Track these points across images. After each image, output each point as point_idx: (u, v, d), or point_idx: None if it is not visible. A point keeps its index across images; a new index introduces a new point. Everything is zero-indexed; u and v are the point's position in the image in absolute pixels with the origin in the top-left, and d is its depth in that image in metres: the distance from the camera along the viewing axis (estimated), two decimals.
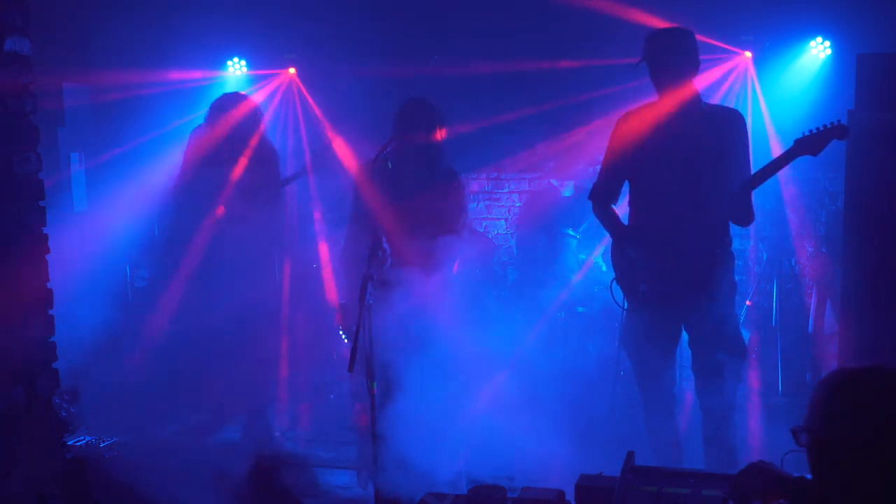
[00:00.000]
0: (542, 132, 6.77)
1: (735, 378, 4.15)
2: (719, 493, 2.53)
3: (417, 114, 4.22)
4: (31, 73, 3.30)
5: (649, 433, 4.33)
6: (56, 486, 3.31)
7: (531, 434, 4.32)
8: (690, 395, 4.53)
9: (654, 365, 4.21)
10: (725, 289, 4.11)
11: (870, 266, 4.50)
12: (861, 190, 4.54)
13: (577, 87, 6.51)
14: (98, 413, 5.58)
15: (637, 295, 4.16)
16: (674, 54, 4.00)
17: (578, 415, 5.25)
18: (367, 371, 3.53)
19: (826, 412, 2.02)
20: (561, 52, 6.59)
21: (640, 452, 3.06)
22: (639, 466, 2.77)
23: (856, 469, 1.93)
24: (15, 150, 3.23)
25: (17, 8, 3.23)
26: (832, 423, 1.98)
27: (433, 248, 3.92)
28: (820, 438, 2.00)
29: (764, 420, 5.39)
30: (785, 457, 2.86)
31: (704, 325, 4.11)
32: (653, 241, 4.09)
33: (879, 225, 4.43)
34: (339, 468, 5.09)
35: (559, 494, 2.91)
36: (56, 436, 3.41)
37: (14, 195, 3.21)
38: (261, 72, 7.42)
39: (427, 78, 6.41)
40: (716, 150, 4.02)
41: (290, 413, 5.98)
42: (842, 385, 2.01)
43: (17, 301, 3.21)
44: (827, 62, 6.57)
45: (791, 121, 6.37)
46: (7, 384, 3.16)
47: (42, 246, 3.35)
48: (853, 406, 1.97)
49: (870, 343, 4.42)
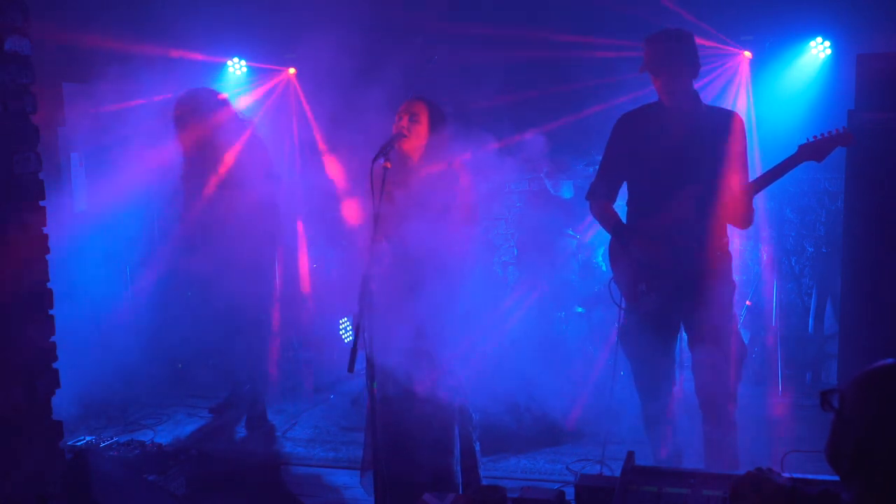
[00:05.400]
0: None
1: (734, 378, 4.15)
2: (719, 493, 2.53)
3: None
4: (31, 73, 3.30)
5: (648, 433, 4.33)
6: (56, 486, 3.31)
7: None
8: (690, 395, 4.53)
9: (653, 365, 4.21)
10: (724, 289, 4.11)
11: (870, 266, 4.51)
12: (861, 190, 4.55)
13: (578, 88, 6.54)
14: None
15: (636, 295, 4.16)
16: (673, 56, 4.00)
17: (578, 414, 5.27)
18: (367, 371, 3.53)
19: (867, 410, 1.88)
20: (558, 50, 6.60)
21: (640, 452, 3.06)
22: (639, 466, 2.77)
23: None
24: (15, 150, 3.23)
25: (17, 8, 3.23)
26: (873, 421, 1.86)
27: (438, 246, 3.90)
28: (859, 437, 1.88)
29: (764, 420, 5.40)
30: (785, 457, 2.86)
31: (703, 325, 4.11)
32: (652, 241, 4.09)
33: (879, 225, 4.44)
34: (339, 468, 5.09)
35: (559, 494, 2.91)
36: (56, 436, 3.40)
37: (14, 195, 3.21)
38: (261, 65, 7.44)
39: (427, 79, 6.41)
40: (714, 152, 4.03)
41: (290, 413, 5.99)
42: (882, 381, 1.89)
43: (17, 301, 3.21)
44: (827, 62, 6.57)
45: (791, 121, 6.38)
46: (7, 384, 3.16)
47: (42, 246, 3.35)
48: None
49: (870, 343, 4.43)
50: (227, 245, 5.11)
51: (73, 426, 5.51)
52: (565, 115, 6.47)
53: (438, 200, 3.97)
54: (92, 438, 5.19)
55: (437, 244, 3.82)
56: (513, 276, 7.27)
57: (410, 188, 3.96)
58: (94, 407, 5.85)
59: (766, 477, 2.24)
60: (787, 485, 2.18)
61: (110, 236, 6.10)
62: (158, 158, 5.94)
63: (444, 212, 3.95)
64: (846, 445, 1.91)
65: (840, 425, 1.93)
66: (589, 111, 6.31)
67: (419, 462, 3.94)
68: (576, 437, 5.33)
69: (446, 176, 4.05)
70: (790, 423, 5.47)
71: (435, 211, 3.92)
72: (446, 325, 3.83)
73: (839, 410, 1.93)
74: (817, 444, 2.14)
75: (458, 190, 4.05)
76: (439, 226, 3.85)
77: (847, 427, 1.91)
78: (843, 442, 1.92)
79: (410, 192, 3.95)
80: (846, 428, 1.91)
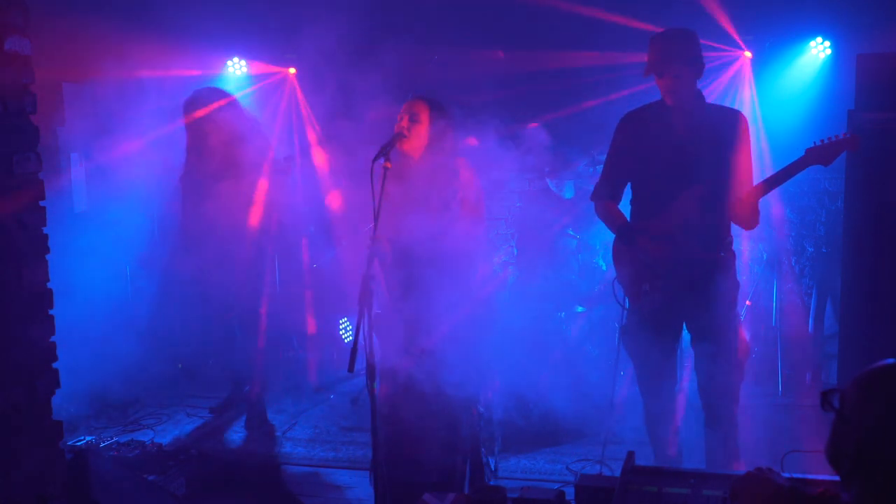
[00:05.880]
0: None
1: (737, 378, 4.15)
2: (719, 493, 2.53)
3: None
4: (31, 73, 3.29)
5: (650, 433, 4.33)
6: (56, 486, 3.31)
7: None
8: (692, 394, 4.53)
9: (655, 364, 4.21)
10: (727, 289, 4.11)
11: (870, 266, 4.50)
12: (861, 190, 4.54)
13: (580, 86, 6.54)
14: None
15: (639, 294, 4.16)
16: (677, 55, 4.00)
17: (578, 414, 5.26)
18: (367, 371, 3.53)
19: (867, 411, 1.87)
20: (561, 48, 6.61)
21: (640, 452, 3.06)
22: (639, 466, 2.77)
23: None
24: (15, 150, 3.23)
25: (17, 8, 3.23)
26: (873, 422, 1.86)
27: (442, 245, 3.89)
28: (860, 438, 1.88)
29: (764, 420, 5.39)
30: (785, 457, 2.86)
31: (706, 325, 4.11)
32: (655, 241, 4.09)
33: (879, 225, 4.44)
34: (339, 468, 5.09)
35: (559, 494, 2.91)
36: (56, 436, 3.40)
37: (14, 195, 3.21)
38: (261, 64, 7.44)
39: (428, 77, 6.42)
40: (718, 151, 4.02)
41: (290, 413, 5.99)
42: (883, 382, 1.88)
43: (18, 301, 3.21)
44: (827, 62, 6.57)
45: (792, 121, 6.38)
46: (7, 384, 3.16)
47: (42, 246, 3.34)
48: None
49: (870, 343, 4.42)
50: (228, 237, 5.10)
51: (73, 426, 5.51)
52: (566, 110, 6.48)
53: (441, 199, 3.96)
54: (92, 438, 5.19)
55: (441, 243, 3.82)
56: (513, 276, 7.27)
57: (412, 188, 3.95)
58: (94, 407, 5.85)
59: (766, 477, 2.24)
60: (787, 485, 2.18)
61: (110, 236, 6.09)
62: (158, 158, 5.95)
63: (446, 211, 3.95)
64: (846, 446, 1.91)
65: (840, 426, 1.93)
66: (589, 103, 6.33)
67: (423, 461, 3.95)
68: (576, 437, 5.33)
69: (448, 175, 4.04)
70: (790, 423, 5.47)
71: (437, 210, 3.92)
72: (450, 323, 3.83)
73: (840, 410, 1.93)
74: (817, 444, 2.14)
75: (460, 188, 4.04)
76: (442, 224, 3.85)
77: (847, 427, 1.91)
78: (844, 442, 1.91)
79: (412, 191, 3.94)
80: (846, 428, 1.91)
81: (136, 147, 6.00)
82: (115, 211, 6.22)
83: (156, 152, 6.00)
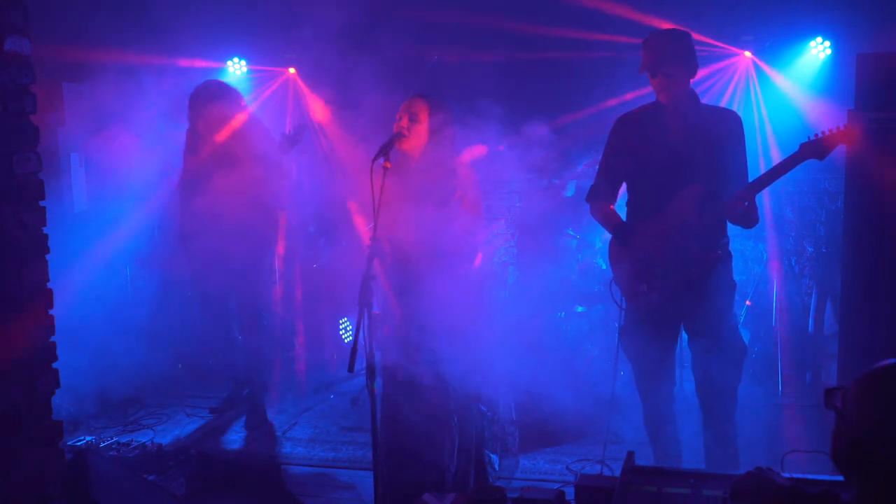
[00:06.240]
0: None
1: (735, 378, 4.15)
2: (719, 493, 2.53)
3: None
4: (31, 73, 3.29)
5: (649, 433, 4.33)
6: (56, 485, 3.30)
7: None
8: (690, 395, 4.53)
9: (653, 365, 4.21)
10: (724, 289, 4.11)
11: (870, 266, 4.50)
12: (861, 190, 4.53)
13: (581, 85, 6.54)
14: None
15: (637, 295, 4.16)
16: (671, 56, 4.00)
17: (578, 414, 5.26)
18: (367, 371, 3.53)
19: (867, 411, 1.87)
20: (558, 49, 6.60)
21: (640, 452, 3.06)
22: (639, 466, 2.77)
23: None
24: (15, 150, 3.22)
25: (17, 8, 3.23)
26: (873, 422, 1.85)
27: (441, 243, 3.89)
28: (860, 438, 1.87)
29: (764, 420, 5.40)
30: (785, 457, 2.86)
31: (704, 325, 4.11)
32: (652, 242, 4.09)
33: (879, 225, 4.43)
34: (339, 468, 5.09)
35: (559, 494, 2.91)
36: (56, 436, 3.40)
37: (14, 195, 3.21)
38: (261, 67, 7.44)
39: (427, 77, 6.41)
40: (713, 151, 4.03)
41: (290, 413, 5.99)
42: (883, 383, 1.88)
43: (17, 301, 3.21)
44: (827, 62, 6.57)
45: (791, 121, 6.38)
46: (7, 384, 3.16)
47: (42, 246, 3.34)
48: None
49: (870, 343, 4.42)
50: (228, 236, 5.09)
51: (73, 426, 5.51)
52: (567, 110, 6.48)
53: (440, 198, 3.96)
54: (92, 438, 5.19)
55: (440, 241, 3.82)
56: (513, 275, 7.27)
57: (411, 187, 3.95)
58: (94, 407, 5.85)
59: (766, 477, 2.24)
60: (787, 485, 2.18)
61: (110, 236, 6.09)
62: (158, 158, 5.95)
63: (446, 209, 3.95)
64: (847, 446, 1.91)
65: (841, 425, 1.93)
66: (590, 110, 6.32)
67: (422, 461, 3.95)
68: (576, 437, 5.33)
69: (447, 173, 4.04)
70: (790, 423, 5.47)
71: (437, 208, 3.92)
72: (451, 321, 3.83)
73: (841, 410, 1.93)
74: (817, 444, 2.14)
75: (459, 186, 4.04)
76: (441, 223, 3.85)
77: (848, 428, 1.91)
78: (845, 442, 1.92)
79: (411, 191, 3.94)
80: (847, 428, 1.91)
81: (136, 147, 6.00)
82: (115, 211, 6.22)
83: (156, 152, 6.00)
